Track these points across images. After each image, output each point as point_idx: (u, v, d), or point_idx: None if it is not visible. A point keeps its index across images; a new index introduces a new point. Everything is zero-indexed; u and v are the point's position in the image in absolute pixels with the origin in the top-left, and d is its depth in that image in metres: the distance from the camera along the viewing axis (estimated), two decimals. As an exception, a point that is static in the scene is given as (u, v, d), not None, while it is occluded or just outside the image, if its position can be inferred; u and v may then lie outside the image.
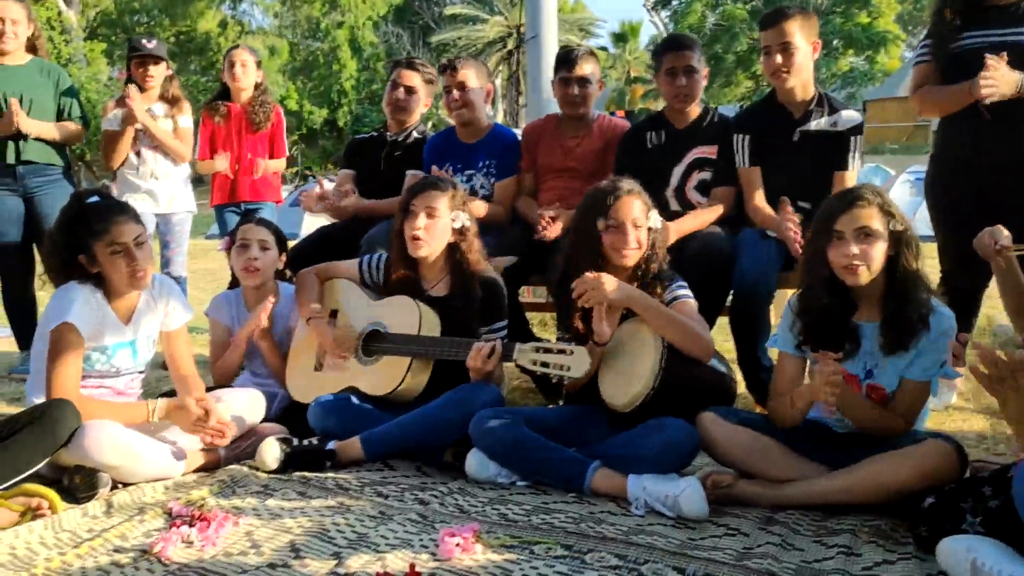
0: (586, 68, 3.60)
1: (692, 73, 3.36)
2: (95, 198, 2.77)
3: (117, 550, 2.15)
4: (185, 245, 4.49)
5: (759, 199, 3.22)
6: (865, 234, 2.30)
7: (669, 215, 3.23)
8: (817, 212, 2.43)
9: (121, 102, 4.24)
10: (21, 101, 3.93)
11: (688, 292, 2.67)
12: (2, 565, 2.07)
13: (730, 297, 3.14)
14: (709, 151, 3.39)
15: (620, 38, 37.62)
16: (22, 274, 4.16)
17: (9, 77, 3.99)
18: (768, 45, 3.13)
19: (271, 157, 4.66)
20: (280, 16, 35.82)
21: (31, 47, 4.13)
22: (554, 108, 4.03)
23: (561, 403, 3.26)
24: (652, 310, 2.57)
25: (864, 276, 2.31)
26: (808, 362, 2.46)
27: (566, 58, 3.63)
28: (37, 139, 4.02)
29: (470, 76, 3.72)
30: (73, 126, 4.14)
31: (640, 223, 2.69)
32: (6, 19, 3.97)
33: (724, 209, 3.33)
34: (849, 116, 3.20)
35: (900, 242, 2.33)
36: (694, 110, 3.45)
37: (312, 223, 10.81)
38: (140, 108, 4.18)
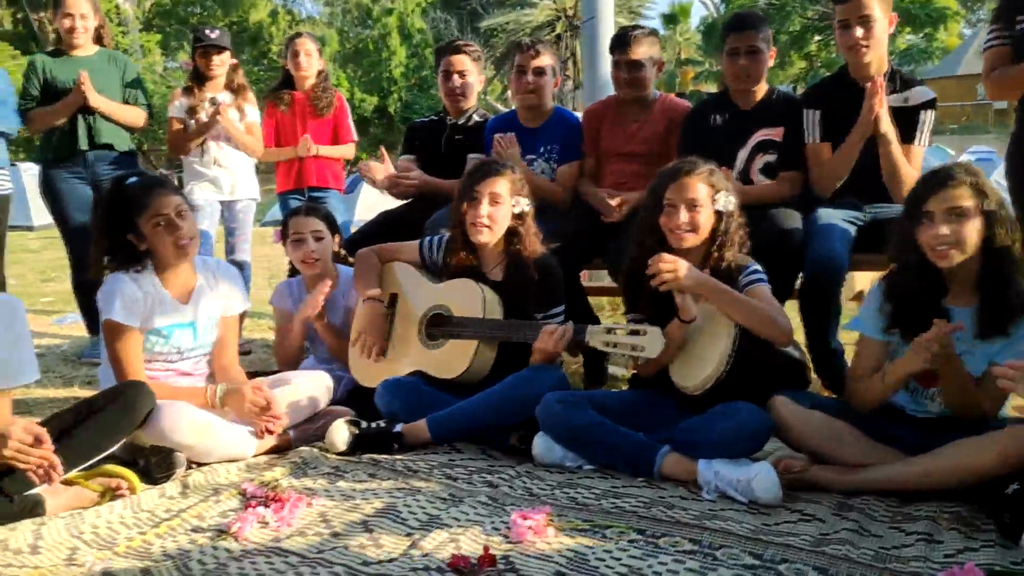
0: (640, 51, 3.52)
1: (755, 54, 3.28)
2: (134, 179, 2.83)
3: (195, 530, 2.19)
4: (249, 232, 4.55)
5: None
6: (956, 214, 2.24)
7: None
8: (908, 193, 2.37)
9: (188, 91, 4.31)
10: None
11: (763, 277, 2.61)
12: (86, 543, 2.13)
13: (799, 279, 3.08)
14: (774, 133, 3.31)
15: (670, 19, 37.14)
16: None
17: (79, 68, 4.08)
18: (846, 18, 3.05)
19: (335, 143, 4.68)
20: (331, 4, 36.08)
21: (97, 38, 4.23)
22: (610, 90, 3.98)
23: (623, 387, 3.26)
24: (724, 297, 2.51)
25: (955, 257, 2.25)
26: (894, 345, 2.41)
27: (620, 40, 3.56)
28: (107, 121, 4.11)
29: (547, 62, 3.70)
30: (137, 110, 4.23)
31: (699, 204, 2.60)
32: (75, 14, 4.08)
33: (790, 192, 3.26)
34: (921, 91, 3.12)
35: (994, 221, 2.25)
36: (760, 90, 3.37)
37: (365, 210, 10.91)
38: (227, 118, 4.28)
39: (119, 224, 2.75)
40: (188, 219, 2.77)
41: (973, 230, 2.24)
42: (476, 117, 4.03)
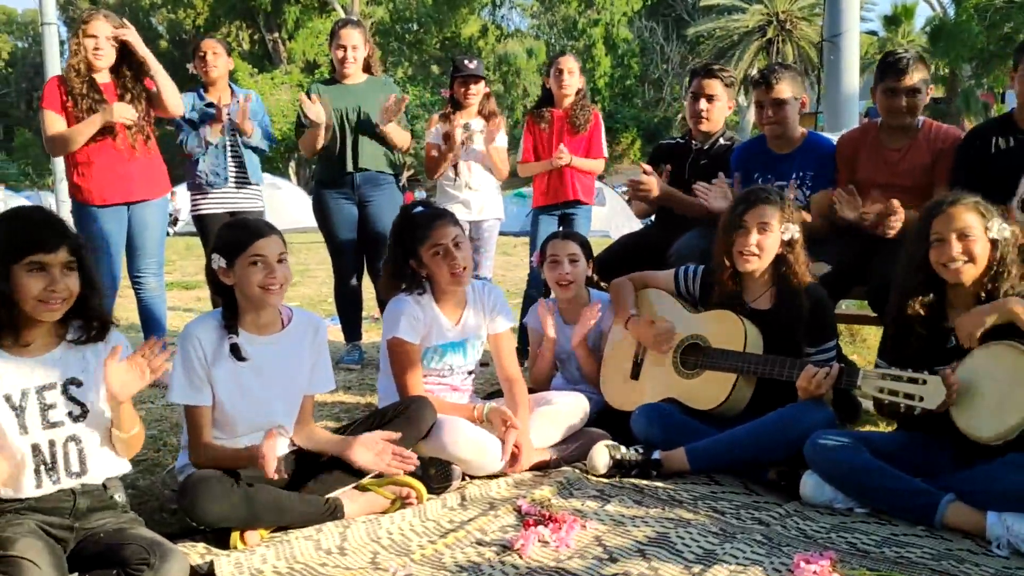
0: (916, 77, 3.35)
1: None
2: (420, 208, 3.04)
3: (479, 543, 2.33)
4: (493, 250, 4.77)
5: None
6: None
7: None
8: None
9: (444, 118, 4.57)
10: (359, 114, 4.39)
11: None
12: (384, 548, 2.32)
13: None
14: (1068, 159, 3.09)
15: (892, 21, 34.95)
16: (352, 272, 4.63)
17: (347, 94, 4.44)
18: None
19: (587, 158, 4.77)
20: (538, 17, 36.88)
21: (366, 66, 4.56)
22: (853, 106, 3.82)
23: (881, 425, 3.14)
24: None
25: None
26: None
27: (894, 67, 3.38)
28: (368, 146, 4.43)
29: (785, 91, 3.59)
30: (405, 133, 4.52)
31: (971, 233, 2.48)
32: (348, 46, 4.42)
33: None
34: None
35: None
36: (1049, 111, 3.16)
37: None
38: (482, 144, 4.54)
39: (404, 251, 2.98)
40: (464, 248, 2.96)
41: None
42: (723, 140, 4.00)
